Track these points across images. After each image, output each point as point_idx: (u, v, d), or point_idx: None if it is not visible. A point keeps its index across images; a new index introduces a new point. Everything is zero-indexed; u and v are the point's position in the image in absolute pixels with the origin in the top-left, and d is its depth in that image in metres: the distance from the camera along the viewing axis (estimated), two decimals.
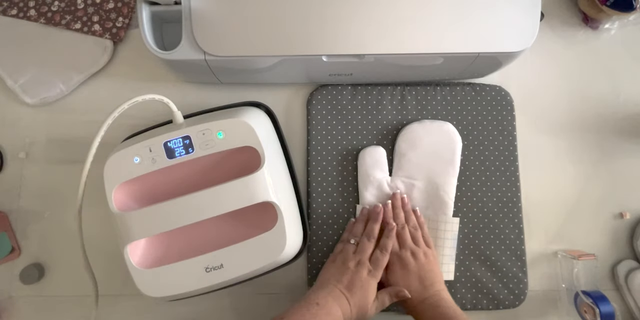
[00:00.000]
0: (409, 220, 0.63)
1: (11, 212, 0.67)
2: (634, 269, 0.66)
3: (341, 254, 0.60)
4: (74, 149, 0.67)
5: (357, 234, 0.62)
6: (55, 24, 0.69)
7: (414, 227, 0.63)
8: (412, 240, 0.61)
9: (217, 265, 0.53)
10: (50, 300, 0.65)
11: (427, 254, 0.60)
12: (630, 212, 0.69)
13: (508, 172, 0.67)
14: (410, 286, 0.58)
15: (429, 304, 0.56)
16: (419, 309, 0.57)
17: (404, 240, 0.61)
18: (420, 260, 0.59)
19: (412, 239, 0.61)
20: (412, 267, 0.59)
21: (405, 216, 0.63)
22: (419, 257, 0.59)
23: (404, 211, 0.64)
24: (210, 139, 0.53)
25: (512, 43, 0.57)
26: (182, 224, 0.52)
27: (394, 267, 0.59)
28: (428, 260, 0.60)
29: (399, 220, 0.63)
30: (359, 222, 0.64)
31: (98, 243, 0.61)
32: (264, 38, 0.56)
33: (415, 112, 0.68)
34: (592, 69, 0.73)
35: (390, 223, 0.62)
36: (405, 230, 0.62)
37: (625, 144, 0.71)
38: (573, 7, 0.74)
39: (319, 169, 0.67)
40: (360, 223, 0.63)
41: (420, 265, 0.59)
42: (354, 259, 0.59)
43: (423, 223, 0.64)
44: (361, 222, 0.64)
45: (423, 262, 0.59)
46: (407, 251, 0.60)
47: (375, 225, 0.62)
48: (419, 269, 0.59)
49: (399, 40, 0.56)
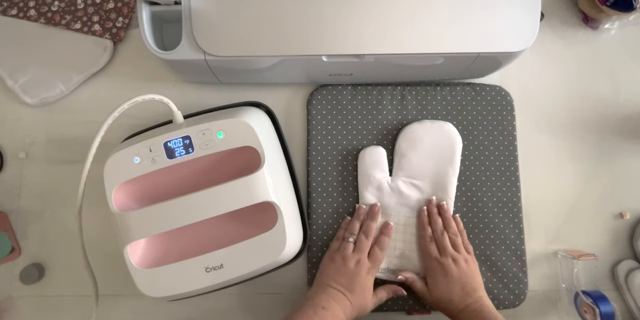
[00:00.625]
0: (448, 226, 0.63)
1: (11, 212, 0.67)
2: (634, 269, 0.66)
3: (339, 252, 0.60)
4: (74, 149, 0.67)
5: (354, 232, 0.62)
6: (55, 24, 0.69)
7: (454, 234, 0.62)
8: (453, 246, 0.61)
9: (217, 265, 0.53)
10: (50, 300, 0.65)
11: (468, 260, 0.60)
12: (630, 212, 0.69)
13: (508, 172, 0.67)
14: (452, 293, 0.58)
15: (472, 310, 0.56)
16: (461, 316, 0.57)
17: (444, 247, 0.60)
18: (461, 267, 0.59)
19: (452, 245, 0.61)
20: (454, 273, 0.58)
21: (445, 223, 0.63)
22: (460, 264, 0.59)
23: (443, 218, 0.63)
24: (210, 139, 0.53)
25: (512, 43, 0.57)
26: (182, 224, 0.52)
27: (435, 274, 0.59)
28: (469, 267, 0.60)
29: (437, 226, 0.62)
30: (356, 220, 0.64)
31: (98, 243, 0.61)
32: (264, 38, 0.56)
33: (415, 112, 0.68)
34: (592, 69, 0.73)
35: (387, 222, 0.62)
36: (444, 236, 0.61)
37: (625, 144, 0.71)
38: (573, 7, 0.74)
39: (319, 169, 0.67)
40: (357, 221, 0.63)
41: (462, 272, 0.59)
42: (353, 258, 0.59)
43: (463, 230, 0.64)
44: (358, 220, 0.64)
45: (465, 269, 0.59)
46: (448, 258, 0.59)
47: (373, 223, 0.62)
48: (461, 275, 0.58)
49: (399, 40, 0.56)
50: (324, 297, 0.55)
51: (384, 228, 0.63)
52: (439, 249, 0.61)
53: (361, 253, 0.59)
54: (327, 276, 0.58)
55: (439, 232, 0.62)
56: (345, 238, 0.62)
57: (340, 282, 0.57)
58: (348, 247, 0.60)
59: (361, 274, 0.57)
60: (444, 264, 0.59)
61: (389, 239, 0.62)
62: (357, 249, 0.60)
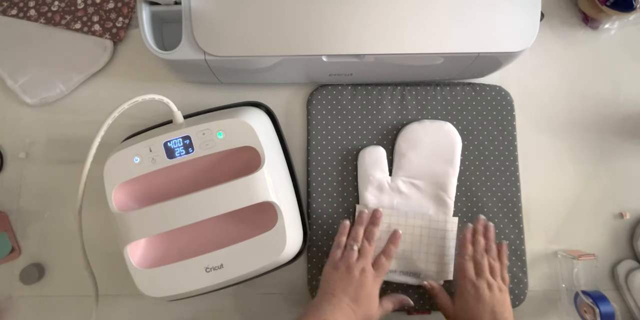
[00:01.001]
0: (489, 249, 0.61)
1: (11, 212, 0.67)
2: (634, 269, 0.66)
3: (343, 260, 0.58)
4: (74, 149, 0.67)
5: (358, 239, 0.60)
6: (55, 24, 0.69)
7: (493, 258, 0.60)
8: (490, 272, 0.59)
9: (217, 265, 0.53)
10: (50, 300, 0.65)
11: (502, 289, 0.58)
12: (630, 212, 0.69)
13: (508, 172, 0.67)
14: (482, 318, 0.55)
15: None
16: None
17: (482, 271, 0.58)
18: (495, 294, 0.57)
19: (490, 270, 0.59)
20: (487, 299, 0.56)
21: (487, 244, 0.61)
22: (494, 291, 0.57)
23: (487, 239, 0.61)
24: (210, 139, 0.53)
25: (512, 43, 0.57)
26: (182, 224, 0.52)
27: (466, 295, 0.57)
28: (503, 296, 0.57)
29: (479, 246, 0.60)
30: (359, 226, 0.61)
31: (98, 243, 0.61)
32: (264, 38, 0.56)
33: (415, 112, 0.68)
34: (592, 69, 0.73)
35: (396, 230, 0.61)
36: (485, 259, 0.59)
37: (625, 144, 0.71)
38: (573, 7, 0.74)
39: (319, 169, 0.67)
40: (360, 226, 0.61)
41: (494, 300, 0.56)
42: (358, 267, 0.57)
43: (505, 258, 0.61)
44: (360, 225, 0.61)
45: (498, 297, 0.57)
46: (483, 282, 0.57)
47: (375, 229, 0.61)
48: (493, 303, 0.56)
49: (399, 40, 0.56)
50: (328, 309, 0.53)
51: (393, 237, 0.61)
52: (476, 271, 0.59)
53: (365, 260, 0.57)
54: (331, 285, 0.56)
55: (479, 254, 0.60)
56: (350, 245, 0.59)
57: (345, 292, 0.55)
58: (352, 255, 0.58)
59: (366, 283, 0.56)
60: (478, 288, 0.57)
61: (396, 247, 0.60)
62: (362, 255, 0.58)
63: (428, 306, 0.64)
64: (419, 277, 0.63)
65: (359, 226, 0.61)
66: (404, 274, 0.63)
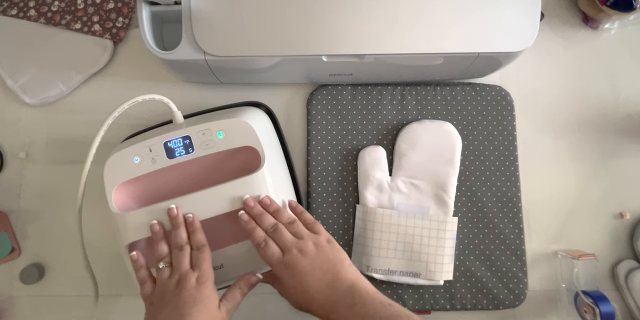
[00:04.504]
0: (281, 217, 0.51)
1: (11, 212, 0.67)
2: (634, 269, 0.66)
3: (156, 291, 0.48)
4: (74, 149, 0.67)
5: (163, 255, 0.50)
6: (55, 24, 0.69)
7: (288, 222, 0.51)
8: (294, 235, 0.49)
9: (217, 265, 0.53)
10: (50, 300, 0.65)
11: (317, 243, 0.48)
12: (630, 212, 0.69)
13: (508, 172, 0.67)
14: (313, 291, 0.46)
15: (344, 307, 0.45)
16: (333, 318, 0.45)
17: (284, 243, 0.48)
18: (310, 254, 0.47)
19: (293, 234, 0.50)
20: (305, 266, 0.46)
21: (275, 216, 0.51)
22: (307, 252, 0.47)
23: (271, 211, 0.52)
24: (210, 139, 0.53)
25: (512, 43, 0.57)
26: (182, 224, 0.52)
27: (283, 275, 0.48)
28: (321, 249, 0.48)
29: (265, 224, 0.50)
30: (160, 243, 0.51)
31: (98, 243, 0.61)
32: (264, 38, 0.56)
33: (415, 112, 0.69)
34: (592, 69, 0.73)
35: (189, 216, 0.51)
36: (278, 231, 0.49)
37: (625, 144, 0.71)
38: (573, 7, 0.74)
39: (319, 169, 0.67)
40: (162, 242, 0.51)
41: (313, 259, 0.47)
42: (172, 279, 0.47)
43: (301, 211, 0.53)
44: (161, 240, 0.51)
45: (315, 254, 0.47)
46: (291, 252, 0.47)
47: (180, 230, 0.50)
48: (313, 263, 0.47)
49: (399, 40, 0.56)
50: None
51: (189, 225, 0.51)
52: (280, 248, 0.48)
53: (181, 268, 0.48)
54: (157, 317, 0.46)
55: (270, 230, 0.50)
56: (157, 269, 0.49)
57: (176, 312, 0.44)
58: (163, 274, 0.48)
59: (186, 287, 0.46)
60: (289, 262, 0.47)
61: (202, 234, 0.50)
62: (176, 267, 0.48)
63: (428, 306, 0.64)
64: (419, 277, 0.63)
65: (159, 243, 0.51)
66: (403, 274, 0.63)
